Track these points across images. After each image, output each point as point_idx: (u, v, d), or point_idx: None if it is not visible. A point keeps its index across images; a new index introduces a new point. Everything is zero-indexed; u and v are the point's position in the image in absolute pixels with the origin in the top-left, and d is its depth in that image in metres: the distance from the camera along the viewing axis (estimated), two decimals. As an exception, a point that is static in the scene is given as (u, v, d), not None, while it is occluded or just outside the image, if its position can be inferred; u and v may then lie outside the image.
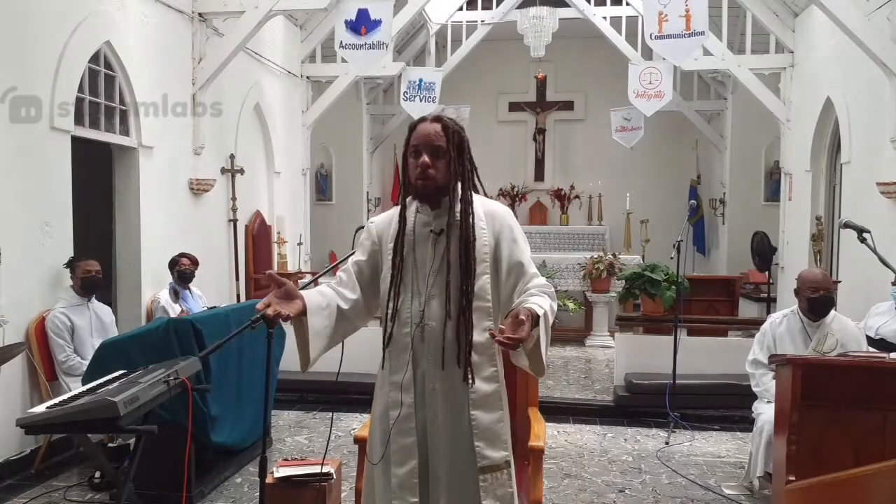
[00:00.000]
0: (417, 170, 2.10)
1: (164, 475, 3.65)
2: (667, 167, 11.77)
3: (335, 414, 5.53)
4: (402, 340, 2.13)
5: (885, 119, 5.86)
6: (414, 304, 2.13)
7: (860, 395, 3.04)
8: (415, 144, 2.13)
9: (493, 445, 2.11)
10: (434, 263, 2.13)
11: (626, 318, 6.93)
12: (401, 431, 2.12)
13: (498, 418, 2.13)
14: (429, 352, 2.11)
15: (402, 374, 2.13)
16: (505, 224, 2.18)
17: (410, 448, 2.12)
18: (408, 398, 2.12)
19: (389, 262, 2.18)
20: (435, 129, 2.12)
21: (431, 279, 2.12)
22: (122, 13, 5.51)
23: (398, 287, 2.13)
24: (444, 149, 2.11)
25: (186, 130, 6.53)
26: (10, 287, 4.39)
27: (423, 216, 2.18)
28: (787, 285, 7.67)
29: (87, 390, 2.85)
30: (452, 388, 2.10)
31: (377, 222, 2.28)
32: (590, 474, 4.50)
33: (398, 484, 2.12)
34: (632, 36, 9.45)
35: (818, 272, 4.11)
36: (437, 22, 10.06)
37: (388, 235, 2.21)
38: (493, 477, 2.10)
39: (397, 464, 2.13)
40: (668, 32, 6.87)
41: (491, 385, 2.12)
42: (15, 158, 4.47)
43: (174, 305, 5.45)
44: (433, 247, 2.15)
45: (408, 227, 2.17)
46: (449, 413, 2.11)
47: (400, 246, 2.15)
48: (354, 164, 10.92)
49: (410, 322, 2.12)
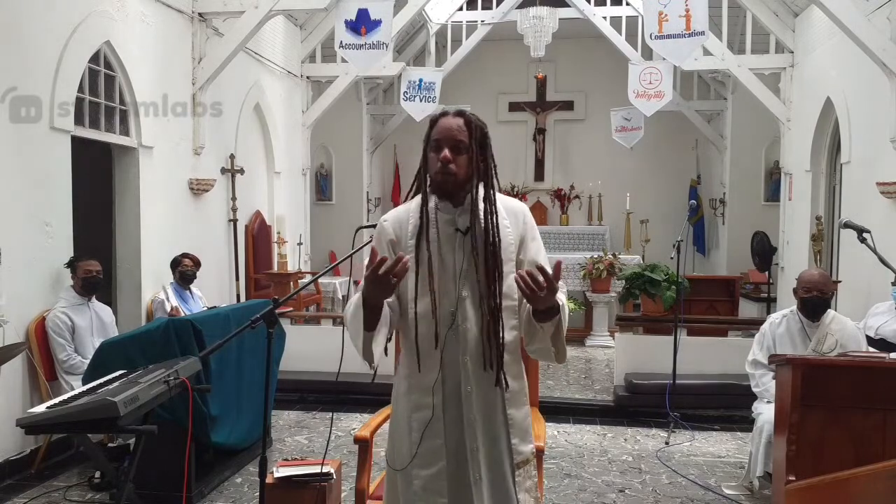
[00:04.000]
0: (438, 164, 2.04)
1: (164, 475, 3.66)
2: (667, 167, 11.76)
3: (335, 414, 5.54)
4: (432, 341, 2.06)
5: (885, 119, 5.86)
6: (444, 304, 2.06)
7: (860, 395, 3.04)
8: (436, 139, 2.06)
9: (525, 440, 2.14)
10: (462, 263, 2.07)
11: (626, 318, 6.93)
12: (430, 434, 2.08)
13: (526, 413, 2.17)
14: (465, 353, 2.06)
15: (431, 376, 2.07)
16: (528, 223, 2.16)
17: (438, 450, 2.07)
18: (437, 400, 2.07)
19: (414, 261, 2.09)
20: (457, 123, 2.06)
21: (461, 279, 2.06)
22: (122, 13, 5.51)
23: (432, 286, 2.05)
24: (466, 144, 2.05)
25: (186, 130, 6.53)
26: (10, 287, 4.39)
27: (445, 213, 2.11)
28: (787, 285, 7.66)
29: (87, 390, 2.85)
30: (489, 389, 2.08)
31: (391, 220, 2.18)
32: (590, 474, 4.50)
33: (422, 486, 2.08)
34: (632, 36, 9.45)
35: (816, 273, 4.10)
36: (437, 22, 10.05)
37: (405, 232, 2.12)
38: (525, 471, 2.13)
39: (423, 466, 2.08)
40: (668, 32, 6.87)
41: (519, 382, 2.14)
42: (15, 158, 4.47)
43: (168, 302, 5.46)
44: (460, 245, 2.08)
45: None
46: (486, 413, 2.08)
47: (427, 243, 2.07)
48: (354, 164, 10.91)
49: (438, 322, 2.05)
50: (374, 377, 2.23)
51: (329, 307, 9.18)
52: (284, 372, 5.36)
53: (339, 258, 2.63)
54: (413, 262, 2.06)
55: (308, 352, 5.75)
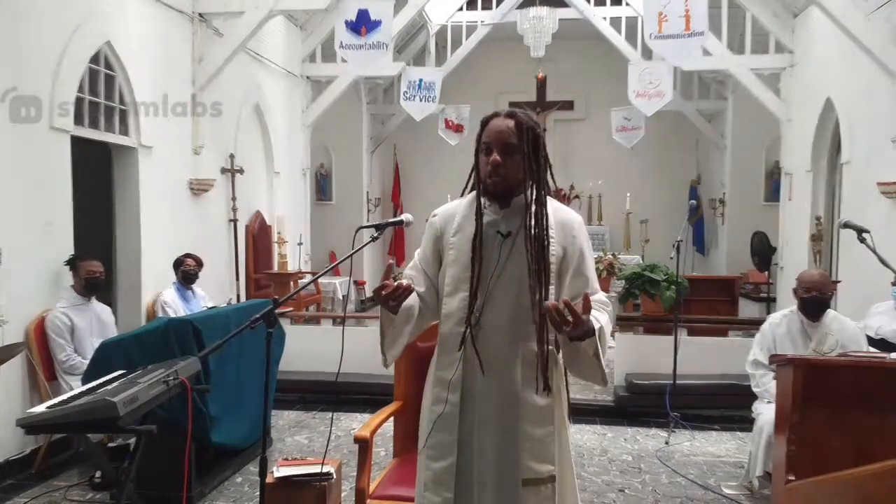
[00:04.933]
0: (489, 167, 2.04)
1: (164, 475, 3.65)
2: (667, 167, 11.77)
3: (335, 414, 5.54)
4: (456, 339, 2.09)
5: (885, 119, 5.86)
6: (476, 304, 2.07)
7: (860, 395, 3.04)
8: (486, 141, 2.06)
9: (540, 459, 2.07)
10: (499, 266, 2.07)
11: (626, 318, 6.92)
12: (442, 428, 2.11)
13: (548, 432, 2.08)
14: (486, 355, 2.06)
15: (449, 372, 2.10)
16: (577, 236, 2.13)
17: (450, 445, 2.10)
18: (454, 397, 2.09)
19: (451, 257, 2.13)
20: (508, 125, 2.04)
21: (493, 282, 2.07)
22: (122, 13, 5.52)
23: (475, 288, 2.06)
24: (516, 146, 2.03)
25: (186, 130, 6.54)
26: (9, 287, 4.39)
27: (491, 215, 2.11)
28: (786, 285, 7.65)
29: (87, 390, 2.85)
30: (508, 396, 2.07)
31: (440, 214, 2.23)
32: (590, 474, 4.50)
33: (432, 478, 2.12)
34: (632, 36, 9.46)
35: (816, 273, 4.10)
36: (437, 22, 10.07)
37: (450, 229, 2.16)
38: (536, 490, 2.06)
39: (434, 458, 2.13)
40: (668, 32, 6.87)
41: (543, 397, 2.07)
42: (15, 158, 4.47)
43: (169, 309, 5.46)
44: (499, 248, 2.08)
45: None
46: (502, 421, 2.07)
47: (479, 246, 2.07)
48: (354, 164, 10.91)
49: (465, 321, 2.07)
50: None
51: (329, 307, 9.19)
52: (284, 372, 5.36)
53: (339, 258, 2.64)
54: (453, 258, 2.13)
55: (308, 352, 5.75)
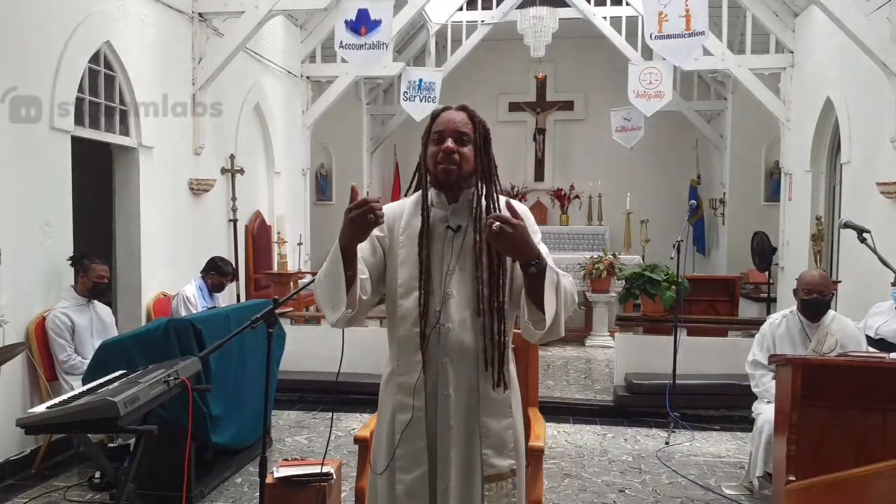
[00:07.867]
0: (440, 154, 1.99)
1: (164, 475, 3.65)
2: (667, 167, 11.77)
3: (335, 414, 5.53)
4: (414, 341, 2.00)
5: (885, 119, 5.86)
6: (431, 303, 2.00)
7: (860, 395, 3.04)
8: (438, 130, 2.01)
9: (500, 453, 2.03)
10: (451, 261, 2.02)
11: (626, 318, 6.93)
12: (410, 436, 2.01)
13: (507, 425, 2.04)
14: (447, 355, 2.00)
15: (412, 377, 2.01)
16: (524, 221, 2.00)
17: (420, 454, 2.01)
18: (419, 402, 2.01)
19: (401, 257, 2.04)
20: (461, 116, 2.02)
21: (448, 278, 2.01)
22: (121, 13, 5.51)
23: (426, 285, 1.99)
24: (469, 136, 2.01)
25: (186, 130, 6.54)
26: (10, 287, 4.39)
27: (439, 210, 2.06)
28: (787, 285, 7.66)
29: (87, 390, 2.85)
30: (468, 393, 2.02)
31: (386, 212, 2.05)
32: (590, 474, 4.50)
33: (405, 491, 2.02)
34: (632, 36, 9.45)
35: (817, 274, 4.09)
36: (437, 22, 10.06)
37: (398, 227, 2.07)
38: (498, 486, 2.02)
39: (404, 470, 2.02)
40: (668, 32, 6.87)
41: (499, 391, 2.02)
42: (15, 158, 4.47)
43: (194, 298, 5.55)
44: (449, 243, 2.03)
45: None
46: (462, 419, 2.02)
47: (426, 241, 2.01)
48: (354, 164, 10.91)
49: (422, 321, 1.99)
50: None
51: (329, 307, 9.16)
52: (284, 372, 5.35)
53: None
54: (403, 258, 2.04)
55: (308, 352, 5.75)
